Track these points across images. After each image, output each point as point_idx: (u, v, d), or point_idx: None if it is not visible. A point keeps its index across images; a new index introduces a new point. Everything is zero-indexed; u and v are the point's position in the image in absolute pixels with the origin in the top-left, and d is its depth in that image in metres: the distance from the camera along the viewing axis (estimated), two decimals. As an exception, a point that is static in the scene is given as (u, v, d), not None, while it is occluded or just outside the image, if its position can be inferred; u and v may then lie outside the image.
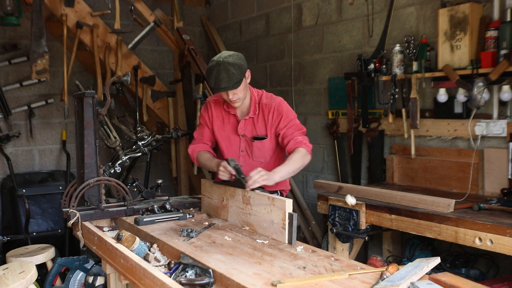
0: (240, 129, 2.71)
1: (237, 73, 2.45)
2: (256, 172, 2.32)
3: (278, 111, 2.64)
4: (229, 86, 2.46)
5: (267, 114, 2.66)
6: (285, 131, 2.62)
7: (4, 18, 4.03)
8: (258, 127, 2.69)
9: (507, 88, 2.86)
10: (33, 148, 4.69)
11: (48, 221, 4.24)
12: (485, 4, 3.04)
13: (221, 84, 2.45)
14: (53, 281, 3.06)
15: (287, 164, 2.50)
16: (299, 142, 2.57)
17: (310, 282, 1.59)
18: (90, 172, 2.53)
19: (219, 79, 2.44)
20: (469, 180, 3.09)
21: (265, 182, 2.33)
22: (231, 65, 2.44)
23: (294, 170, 2.52)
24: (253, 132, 2.70)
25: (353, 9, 3.96)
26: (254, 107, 2.67)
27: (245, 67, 2.51)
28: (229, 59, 2.47)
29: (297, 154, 2.53)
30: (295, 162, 2.50)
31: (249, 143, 2.72)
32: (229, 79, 2.44)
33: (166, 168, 5.28)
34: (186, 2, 5.40)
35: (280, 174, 2.43)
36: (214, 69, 2.46)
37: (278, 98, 2.71)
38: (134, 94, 4.46)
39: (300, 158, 2.52)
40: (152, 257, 2.01)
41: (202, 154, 2.80)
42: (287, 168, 2.48)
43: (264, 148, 2.70)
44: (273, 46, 4.84)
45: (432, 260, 1.67)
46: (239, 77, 2.46)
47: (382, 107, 3.63)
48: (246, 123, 2.70)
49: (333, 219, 3.14)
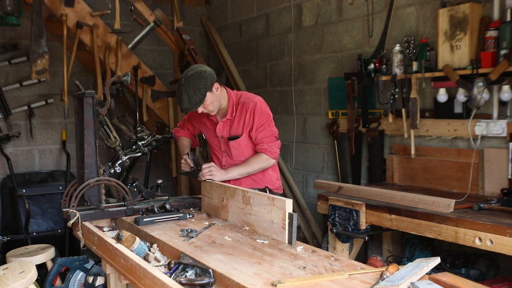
0: (218, 131, 2.84)
1: (195, 94, 2.57)
2: (207, 166, 2.64)
3: (253, 112, 2.74)
4: (190, 107, 2.61)
5: (244, 113, 2.76)
6: (256, 135, 2.76)
7: (4, 18, 4.03)
8: (234, 127, 2.80)
9: (507, 88, 2.86)
10: (33, 148, 4.69)
11: (48, 221, 4.24)
12: (485, 4, 3.04)
13: (182, 105, 2.61)
14: (53, 281, 3.06)
15: (242, 165, 2.76)
16: (263, 149, 2.77)
17: (310, 282, 1.59)
18: (90, 172, 2.53)
19: (181, 100, 2.60)
20: (469, 180, 3.09)
21: (211, 177, 2.62)
22: (190, 88, 2.57)
23: (248, 172, 2.77)
24: (229, 133, 2.82)
25: (353, 9, 3.96)
26: (231, 109, 2.78)
27: (206, 85, 2.59)
28: (190, 79, 2.58)
29: (256, 158, 2.77)
30: (251, 165, 2.76)
31: (227, 144, 2.84)
32: (189, 101, 2.59)
33: (166, 168, 5.28)
34: (186, 2, 5.40)
35: (231, 174, 2.72)
36: (178, 89, 2.63)
37: (256, 98, 2.80)
38: (134, 94, 4.46)
39: (257, 162, 2.76)
40: (152, 257, 2.01)
41: (180, 139, 3.09)
42: (239, 169, 2.75)
43: (240, 147, 2.81)
44: (273, 46, 4.84)
45: (432, 260, 1.67)
46: (198, 98, 2.59)
47: (382, 107, 3.63)
48: (224, 125, 2.82)
49: (333, 219, 3.14)
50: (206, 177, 2.63)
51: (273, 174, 2.92)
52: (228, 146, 2.84)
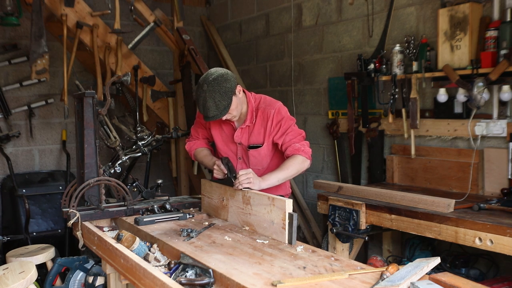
0: (236, 138, 2.67)
1: (223, 99, 2.41)
2: (245, 173, 2.35)
3: (276, 119, 2.59)
4: (217, 115, 2.44)
5: (265, 121, 2.60)
6: (284, 138, 2.58)
7: (4, 18, 4.03)
8: (254, 135, 2.64)
9: (507, 88, 2.86)
10: (33, 148, 4.69)
11: (48, 221, 4.24)
12: (485, 4, 3.04)
13: (209, 113, 2.43)
14: (53, 281, 3.06)
15: (279, 171, 2.51)
16: (296, 149, 2.55)
17: (310, 282, 1.59)
18: (90, 172, 2.53)
19: (207, 108, 2.41)
20: (469, 180, 3.09)
21: (249, 185, 2.33)
22: (216, 93, 2.39)
23: (286, 177, 2.54)
24: (249, 141, 2.66)
25: (353, 9, 3.96)
26: (251, 115, 2.62)
27: (232, 88, 2.44)
28: (214, 84, 2.40)
29: (292, 161, 2.53)
30: (288, 169, 2.51)
31: (245, 152, 2.68)
32: (216, 107, 2.41)
33: (166, 168, 5.28)
34: (186, 2, 5.40)
35: (268, 181, 2.44)
36: (201, 97, 2.43)
37: (277, 103, 2.66)
38: (134, 94, 4.46)
39: (295, 165, 2.52)
40: (152, 257, 2.01)
41: (199, 151, 2.83)
42: (277, 175, 2.49)
43: (260, 156, 2.67)
44: (273, 46, 4.84)
45: (432, 260, 1.67)
46: (226, 102, 2.42)
47: (382, 107, 3.63)
48: (243, 132, 2.66)
49: (333, 219, 3.14)
50: (243, 186, 2.34)
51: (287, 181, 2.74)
52: (246, 154, 2.68)
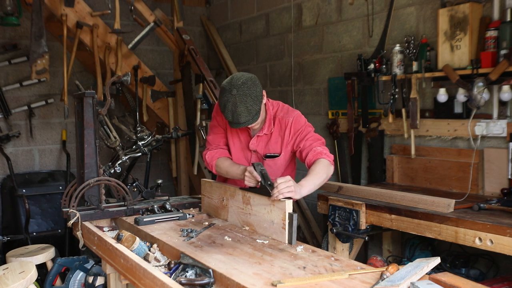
0: (252, 145, 2.54)
1: (255, 103, 2.27)
2: (284, 181, 2.08)
3: (294, 128, 2.46)
4: (249, 120, 2.29)
5: (283, 130, 2.48)
6: (303, 143, 2.43)
7: (4, 18, 4.03)
8: (271, 144, 2.52)
9: (507, 88, 2.85)
10: (33, 148, 4.69)
11: (48, 221, 4.24)
12: (485, 4, 3.04)
13: (240, 119, 2.26)
14: (53, 281, 3.06)
15: (313, 176, 2.27)
16: (319, 153, 2.38)
17: (310, 282, 1.59)
18: (90, 172, 2.53)
19: (237, 114, 2.25)
20: (469, 180, 3.09)
21: (291, 195, 2.09)
22: (248, 97, 2.24)
23: (320, 183, 2.32)
24: (266, 150, 2.54)
25: (353, 9, 3.96)
26: (269, 124, 2.48)
27: (261, 93, 2.32)
28: (244, 88, 2.25)
29: (320, 165, 2.31)
30: (320, 174, 2.29)
31: (260, 160, 2.55)
32: (248, 113, 2.26)
33: (166, 168, 5.28)
34: (186, 2, 5.40)
35: (308, 188, 2.22)
36: (229, 102, 2.25)
37: (295, 112, 2.52)
38: (134, 94, 4.46)
39: (324, 169, 2.31)
40: (152, 257, 2.01)
41: (222, 160, 2.58)
42: (314, 181, 2.26)
43: (275, 165, 2.55)
44: (273, 46, 4.84)
45: (432, 260, 1.67)
46: (257, 107, 2.29)
47: (382, 107, 3.63)
48: (259, 140, 2.53)
49: (333, 219, 3.14)
50: (284, 195, 2.07)
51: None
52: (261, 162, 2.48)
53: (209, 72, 4.43)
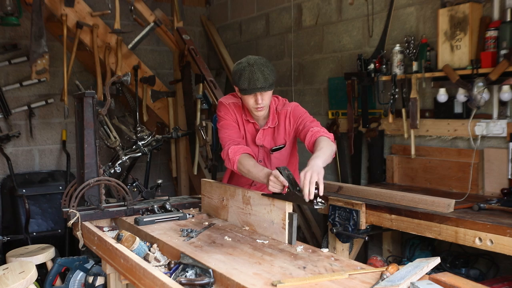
0: (259, 140, 2.56)
1: (271, 74, 2.38)
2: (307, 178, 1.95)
3: (294, 114, 2.52)
4: (266, 87, 2.35)
5: (283, 121, 2.55)
6: (302, 127, 2.45)
7: (4, 18, 4.03)
8: (277, 137, 2.57)
9: (507, 88, 2.86)
10: (33, 148, 4.69)
11: (48, 221, 4.24)
12: (485, 4, 3.04)
13: (257, 84, 2.32)
14: (53, 281, 3.06)
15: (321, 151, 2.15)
16: (316, 131, 2.35)
17: (310, 282, 1.59)
18: (90, 172, 2.53)
19: (254, 79, 2.32)
20: (469, 180, 3.09)
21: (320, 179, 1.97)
22: (264, 66, 2.38)
23: (327, 157, 2.17)
24: (272, 144, 2.57)
25: (353, 9, 3.96)
26: (273, 116, 2.53)
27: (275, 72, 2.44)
28: (260, 61, 2.41)
29: (325, 143, 2.24)
30: (326, 149, 2.19)
31: (268, 154, 2.60)
32: (265, 79, 2.34)
33: (166, 168, 5.28)
34: (186, 2, 5.40)
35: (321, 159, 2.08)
36: (246, 70, 2.36)
37: (293, 103, 2.61)
38: (134, 94, 4.46)
39: (328, 146, 2.23)
40: (152, 257, 2.01)
41: (245, 158, 2.40)
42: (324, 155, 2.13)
43: (282, 156, 2.61)
44: (273, 46, 4.84)
45: (432, 260, 1.67)
46: (273, 78, 2.39)
47: (382, 107, 3.63)
48: (265, 133, 2.56)
49: (333, 219, 3.14)
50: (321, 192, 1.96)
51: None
52: (268, 157, 2.61)
53: (209, 72, 4.43)
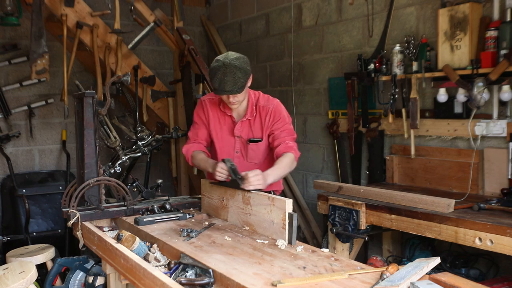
0: (237, 131, 2.72)
1: (243, 77, 2.44)
2: (254, 175, 2.30)
3: (275, 114, 2.66)
4: (234, 90, 2.45)
5: (264, 116, 2.67)
6: (278, 133, 2.65)
7: (4, 18, 4.03)
8: (255, 129, 2.71)
9: (507, 88, 2.86)
10: (33, 148, 4.69)
11: (48, 221, 4.24)
12: (485, 4, 3.04)
13: (226, 87, 2.43)
14: (53, 281, 3.06)
15: (279, 167, 2.52)
16: (289, 147, 2.60)
17: (310, 282, 1.59)
18: (90, 172, 2.53)
19: (224, 82, 2.42)
20: (469, 180, 3.09)
21: (260, 187, 2.32)
22: (237, 69, 2.42)
23: (283, 175, 2.60)
24: (249, 135, 2.72)
25: (353, 9, 3.96)
26: (251, 109, 2.68)
27: (249, 72, 2.51)
28: (236, 62, 2.44)
29: (287, 159, 2.56)
30: (285, 167, 2.55)
31: (245, 145, 2.74)
32: (234, 83, 2.43)
33: (166, 168, 5.28)
34: (186, 2, 5.40)
35: (273, 177, 2.46)
36: (220, 70, 2.43)
37: (275, 100, 2.74)
38: (134, 94, 4.46)
39: (289, 164, 2.56)
40: (152, 257, 2.01)
41: (196, 154, 2.77)
42: (278, 172, 2.51)
43: (259, 150, 2.73)
44: (273, 46, 4.84)
45: (432, 260, 1.67)
46: (244, 81, 2.46)
47: (382, 107, 3.63)
48: (243, 125, 2.71)
49: (333, 219, 3.14)
50: (256, 187, 2.29)
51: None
52: (245, 148, 2.74)
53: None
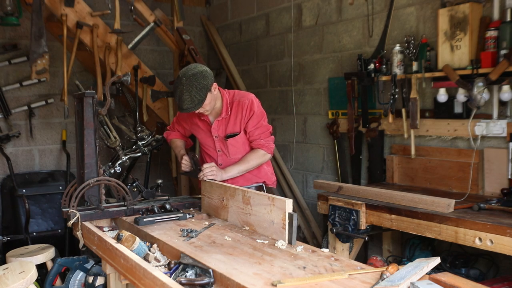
0: (214, 131, 2.84)
1: (199, 94, 2.57)
2: (207, 166, 2.64)
3: (250, 108, 2.77)
4: (191, 108, 2.59)
5: (240, 111, 2.78)
6: (253, 131, 2.80)
7: (4, 18, 4.03)
8: (230, 125, 2.81)
9: (507, 88, 2.86)
10: (33, 148, 4.69)
11: (48, 221, 4.24)
12: (485, 4, 3.04)
13: (183, 105, 2.58)
14: (53, 281, 3.06)
15: (240, 163, 2.78)
16: (260, 144, 2.80)
17: (310, 282, 1.59)
18: (90, 172, 2.53)
19: (182, 100, 2.57)
20: (469, 180, 3.09)
21: (212, 177, 2.63)
22: (193, 87, 2.55)
23: (247, 169, 2.80)
24: (225, 131, 2.83)
25: (353, 9, 3.96)
26: (226, 108, 2.79)
27: (208, 86, 2.60)
28: (192, 79, 2.56)
29: (253, 155, 2.80)
30: (249, 162, 2.78)
31: (223, 142, 2.85)
32: (191, 101, 2.57)
33: (166, 168, 5.28)
34: (186, 2, 5.40)
35: (230, 173, 2.74)
36: (178, 88, 2.59)
37: (251, 95, 2.84)
38: (134, 94, 4.46)
39: (255, 158, 2.80)
40: (152, 257, 2.01)
41: (173, 141, 3.09)
42: (238, 168, 2.77)
43: (238, 144, 2.84)
44: (273, 46, 4.84)
45: (432, 260, 1.67)
46: (201, 98, 2.58)
47: (382, 107, 3.63)
48: (219, 124, 2.83)
49: (333, 219, 3.14)
50: (208, 178, 2.63)
51: (268, 169, 2.97)
52: (224, 145, 2.85)
53: (209, 72, 4.42)
